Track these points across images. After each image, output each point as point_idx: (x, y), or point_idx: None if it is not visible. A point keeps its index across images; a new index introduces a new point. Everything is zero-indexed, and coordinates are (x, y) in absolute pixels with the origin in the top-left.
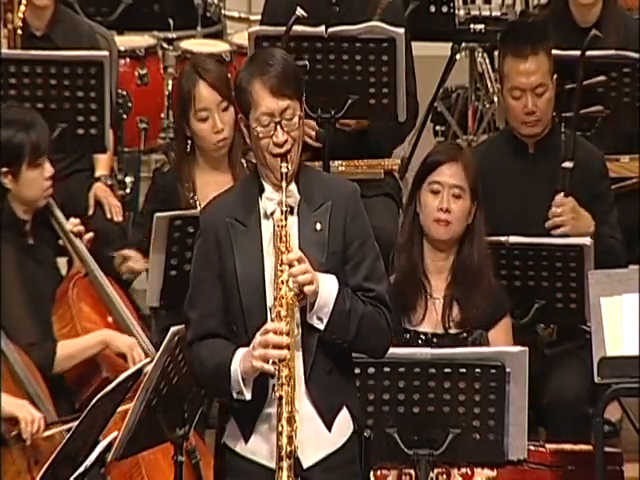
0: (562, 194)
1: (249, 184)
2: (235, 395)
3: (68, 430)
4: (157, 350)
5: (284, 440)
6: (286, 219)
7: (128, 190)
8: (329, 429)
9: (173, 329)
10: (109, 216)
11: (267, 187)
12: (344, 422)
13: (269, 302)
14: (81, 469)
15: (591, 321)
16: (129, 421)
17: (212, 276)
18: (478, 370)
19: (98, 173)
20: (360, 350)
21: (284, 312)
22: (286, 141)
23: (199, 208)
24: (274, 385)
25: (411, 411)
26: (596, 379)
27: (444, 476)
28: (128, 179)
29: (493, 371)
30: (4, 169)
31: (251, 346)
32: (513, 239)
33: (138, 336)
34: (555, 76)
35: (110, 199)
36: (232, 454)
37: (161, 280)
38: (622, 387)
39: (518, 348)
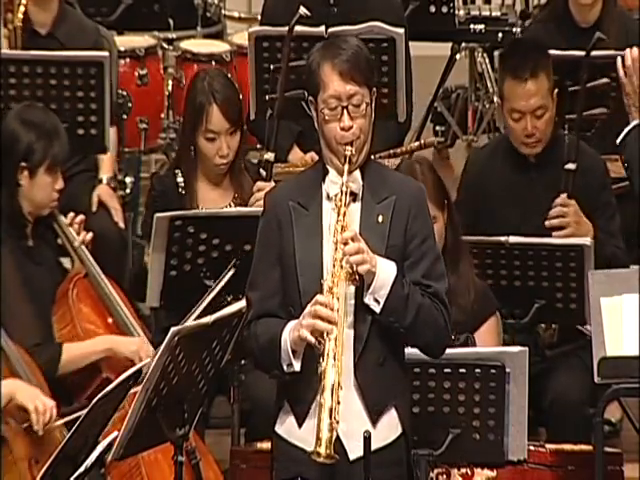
0: (565, 195)
1: (314, 169)
2: (285, 368)
3: (70, 424)
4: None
5: (325, 413)
6: (346, 199)
7: (128, 190)
8: (374, 425)
9: (173, 329)
10: (116, 220)
11: (331, 171)
12: (392, 421)
13: None
14: (81, 469)
15: (591, 321)
16: (129, 421)
17: (272, 258)
18: (478, 370)
19: (102, 175)
20: (417, 344)
21: (336, 289)
22: (352, 127)
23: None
24: (319, 356)
25: (411, 411)
26: (596, 379)
27: (444, 476)
28: (128, 179)
29: (493, 371)
30: (23, 164)
31: (301, 316)
32: (513, 239)
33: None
34: (556, 91)
35: (113, 202)
36: (282, 441)
37: (161, 280)
38: (622, 387)
39: (518, 348)
